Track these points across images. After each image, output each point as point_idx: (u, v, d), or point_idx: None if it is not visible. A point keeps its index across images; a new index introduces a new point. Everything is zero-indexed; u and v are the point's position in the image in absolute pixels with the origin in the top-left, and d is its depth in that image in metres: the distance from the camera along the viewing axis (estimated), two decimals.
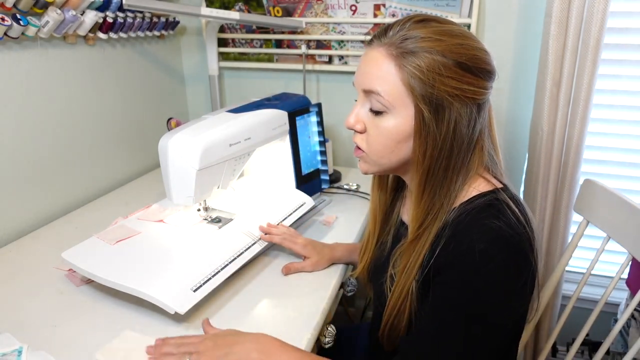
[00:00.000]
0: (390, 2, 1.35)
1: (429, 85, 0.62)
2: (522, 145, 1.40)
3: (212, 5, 1.49)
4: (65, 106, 1.19)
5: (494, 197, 0.65)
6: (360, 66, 0.69)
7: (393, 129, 0.66)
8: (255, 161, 1.22)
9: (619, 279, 0.96)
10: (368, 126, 0.70)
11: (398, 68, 0.63)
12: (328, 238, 1.08)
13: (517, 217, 0.63)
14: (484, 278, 0.60)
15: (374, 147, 0.70)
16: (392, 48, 0.64)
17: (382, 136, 0.68)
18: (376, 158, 0.70)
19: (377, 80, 0.65)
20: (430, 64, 0.62)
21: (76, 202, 1.25)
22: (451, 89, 0.62)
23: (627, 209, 0.93)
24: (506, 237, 0.61)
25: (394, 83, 0.64)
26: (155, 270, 0.83)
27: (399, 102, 0.64)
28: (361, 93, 0.69)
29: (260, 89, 1.62)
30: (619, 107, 1.36)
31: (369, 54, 0.67)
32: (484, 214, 0.63)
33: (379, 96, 0.65)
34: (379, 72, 0.65)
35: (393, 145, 0.68)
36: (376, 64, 0.65)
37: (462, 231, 0.63)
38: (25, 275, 0.93)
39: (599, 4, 1.13)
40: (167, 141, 0.88)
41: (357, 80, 0.70)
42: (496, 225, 0.61)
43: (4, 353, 0.69)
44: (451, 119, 0.63)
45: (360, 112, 0.71)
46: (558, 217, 1.35)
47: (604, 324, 1.38)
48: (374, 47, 0.67)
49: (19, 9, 1.00)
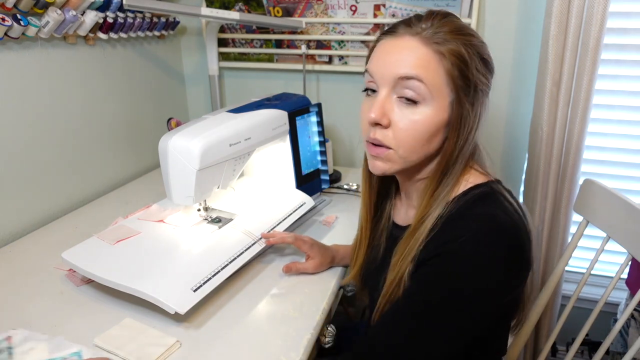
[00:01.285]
0: (390, 2, 1.35)
1: (467, 77, 0.64)
2: (522, 145, 1.40)
3: (212, 5, 1.49)
4: (65, 106, 1.19)
5: (489, 188, 0.66)
6: (387, 55, 0.65)
7: (428, 120, 0.64)
8: (255, 161, 1.22)
9: (618, 279, 0.96)
10: (396, 119, 0.65)
11: (439, 58, 0.63)
12: (328, 238, 1.08)
13: (513, 208, 0.64)
14: (473, 261, 0.59)
15: (405, 141, 0.65)
16: (428, 38, 0.63)
17: (415, 129, 0.64)
18: (407, 154, 0.66)
19: (418, 67, 0.62)
20: (468, 56, 0.64)
21: (76, 202, 1.25)
22: (479, 82, 0.65)
23: (627, 209, 0.93)
24: (501, 222, 0.61)
25: (436, 71, 0.63)
26: (155, 270, 0.83)
27: (437, 92, 0.63)
28: (389, 83, 0.64)
29: (260, 89, 1.62)
30: (618, 108, 1.36)
31: (400, 43, 0.64)
32: (479, 203, 0.64)
33: (420, 83, 0.62)
34: (417, 60, 0.63)
35: (426, 138, 0.65)
36: (414, 52, 0.63)
37: (456, 220, 0.63)
38: (25, 275, 0.93)
39: (598, 4, 1.13)
40: (167, 141, 0.88)
41: (385, 68, 0.65)
42: (492, 212, 0.62)
43: (63, 357, 0.68)
44: (481, 110, 0.66)
45: (385, 104, 0.65)
46: (558, 217, 1.35)
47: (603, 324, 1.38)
48: (404, 37, 0.65)
49: (19, 9, 1.00)
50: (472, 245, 0.60)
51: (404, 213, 0.80)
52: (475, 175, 0.70)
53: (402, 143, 0.65)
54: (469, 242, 0.60)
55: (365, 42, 1.44)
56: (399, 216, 0.82)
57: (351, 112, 1.54)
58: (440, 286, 0.61)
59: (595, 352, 1.00)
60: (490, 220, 0.61)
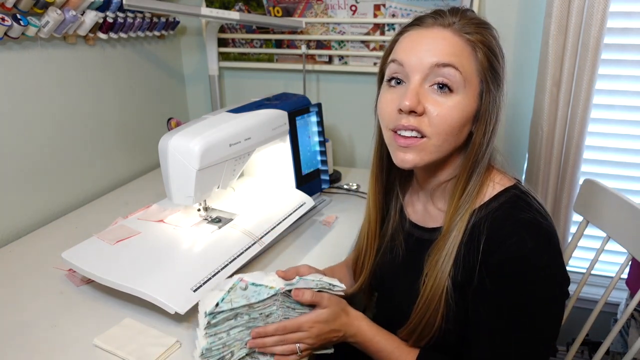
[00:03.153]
0: (390, 2, 1.35)
1: (495, 69, 0.66)
2: (522, 145, 1.40)
3: (212, 5, 1.49)
4: (65, 106, 1.19)
5: (518, 191, 0.68)
6: (418, 45, 0.66)
7: (461, 108, 0.64)
8: (255, 161, 1.22)
9: (618, 279, 0.96)
10: (430, 107, 0.64)
11: (472, 47, 0.65)
12: (328, 238, 1.08)
13: (542, 207, 0.66)
14: (539, 274, 0.62)
15: (441, 128, 0.64)
16: (459, 30, 0.65)
17: (451, 116, 0.64)
18: (440, 142, 0.65)
19: (453, 55, 0.64)
20: (496, 50, 0.66)
21: (76, 202, 1.25)
22: (502, 76, 0.67)
23: (627, 209, 0.93)
24: (545, 228, 0.63)
25: (469, 60, 0.65)
26: (155, 270, 0.83)
27: (470, 81, 0.65)
28: (423, 71, 0.64)
29: (260, 89, 1.62)
30: (618, 108, 1.35)
31: (431, 34, 0.65)
32: (516, 208, 0.65)
33: (456, 71, 0.63)
34: (452, 48, 0.64)
35: (459, 126, 0.65)
36: (448, 42, 0.64)
37: (501, 226, 0.64)
38: (25, 275, 0.93)
39: (599, 4, 1.13)
40: (167, 141, 0.88)
41: (419, 57, 0.64)
42: (531, 217, 0.63)
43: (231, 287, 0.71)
44: (504, 100, 0.68)
45: (420, 92, 0.64)
46: (558, 217, 1.35)
47: (603, 324, 1.38)
48: (434, 27, 0.66)
49: (19, 9, 1.00)
50: (534, 253, 0.61)
51: (424, 213, 0.79)
52: (498, 174, 0.71)
53: (438, 130, 0.65)
54: (529, 250, 0.61)
55: (365, 42, 1.44)
56: (415, 216, 0.80)
57: (351, 112, 1.54)
58: (524, 301, 0.63)
59: (595, 352, 1.00)
60: (536, 227, 0.63)
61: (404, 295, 0.76)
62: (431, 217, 0.77)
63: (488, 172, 0.70)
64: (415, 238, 0.78)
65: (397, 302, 0.79)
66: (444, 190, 0.74)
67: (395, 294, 0.81)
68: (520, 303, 0.63)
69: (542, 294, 0.63)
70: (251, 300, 0.70)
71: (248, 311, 0.70)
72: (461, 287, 0.66)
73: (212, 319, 0.68)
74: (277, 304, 0.72)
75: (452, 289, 0.66)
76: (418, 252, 0.74)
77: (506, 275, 0.63)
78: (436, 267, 0.68)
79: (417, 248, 0.76)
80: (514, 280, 0.62)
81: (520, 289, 0.62)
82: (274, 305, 0.72)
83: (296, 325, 0.70)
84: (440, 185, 0.74)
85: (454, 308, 0.67)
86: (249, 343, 0.70)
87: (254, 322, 0.71)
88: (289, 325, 0.70)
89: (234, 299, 0.69)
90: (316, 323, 0.70)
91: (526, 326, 0.63)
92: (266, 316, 0.71)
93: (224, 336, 0.69)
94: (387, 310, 0.85)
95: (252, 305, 0.70)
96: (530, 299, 0.62)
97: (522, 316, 0.63)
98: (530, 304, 0.63)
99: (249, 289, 0.71)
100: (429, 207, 0.78)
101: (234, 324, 0.70)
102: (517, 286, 0.63)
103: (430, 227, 0.77)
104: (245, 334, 0.70)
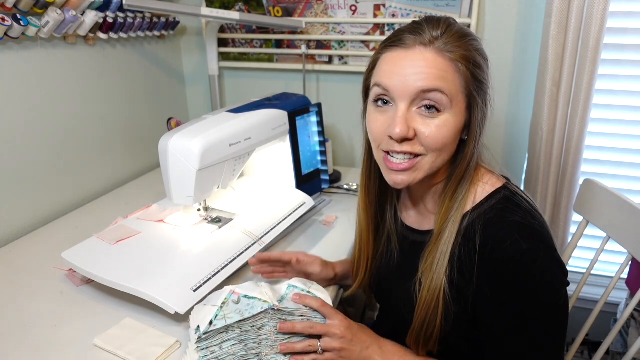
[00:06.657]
0: (390, 2, 1.35)
1: (478, 80, 0.66)
2: (522, 145, 1.40)
3: (212, 5, 1.49)
4: (65, 106, 1.19)
5: (508, 192, 0.69)
6: (402, 69, 0.65)
7: (451, 125, 0.65)
8: (255, 161, 1.22)
9: (618, 279, 0.96)
10: (421, 129, 0.65)
11: (455, 66, 0.64)
12: (328, 238, 1.08)
13: (532, 206, 0.67)
14: (538, 277, 0.63)
15: (433, 146, 0.66)
16: (442, 50, 0.64)
17: (442, 134, 0.65)
18: (434, 157, 0.67)
19: (438, 79, 0.63)
20: (477, 59, 0.66)
21: (76, 202, 1.25)
22: (486, 80, 0.68)
23: (627, 209, 0.93)
24: (536, 228, 0.64)
25: (455, 78, 0.65)
26: (155, 270, 0.83)
27: (457, 98, 0.65)
28: (409, 97, 0.64)
29: (260, 89, 1.62)
30: (618, 108, 1.35)
31: (413, 55, 0.64)
32: (507, 211, 0.66)
33: (442, 95, 0.64)
34: (437, 71, 0.64)
35: (451, 141, 0.67)
36: (431, 64, 0.64)
37: (494, 228, 0.65)
38: (25, 275, 0.93)
39: (598, 4, 1.13)
40: (167, 141, 0.88)
41: (404, 82, 0.64)
42: (521, 219, 0.64)
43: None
44: (490, 109, 0.69)
45: (408, 117, 0.65)
46: (558, 217, 1.35)
47: (603, 324, 1.38)
48: (414, 48, 0.65)
49: (19, 9, 1.00)
50: (530, 254, 0.62)
51: (417, 216, 0.80)
52: (487, 174, 0.72)
53: (431, 148, 0.66)
54: (524, 251, 0.62)
55: (365, 42, 1.44)
56: (410, 219, 0.81)
57: (351, 112, 1.54)
58: (529, 305, 0.64)
59: (595, 352, 1.00)
60: (528, 228, 0.64)
61: (401, 297, 0.76)
62: (425, 219, 0.78)
63: (477, 172, 0.71)
64: (410, 241, 0.79)
65: (395, 304, 0.80)
66: (435, 192, 0.75)
67: (392, 297, 0.81)
68: (525, 304, 0.63)
69: (543, 291, 0.63)
70: (245, 315, 0.70)
71: (240, 324, 0.70)
72: (458, 288, 0.67)
73: (203, 333, 0.68)
74: (268, 317, 0.71)
75: (449, 290, 0.67)
76: (413, 254, 0.75)
77: (506, 278, 0.63)
78: (431, 269, 0.68)
79: (412, 250, 0.76)
80: (515, 283, 0.63)
81: (522, 290, 0.63)
82: (265, 317, 0.71)
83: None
84: (432, 188, 0.75)
85: (453, 308, 0.67)
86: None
87: (246, 334, 0.70)
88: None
89: (227, 314, 0.69)
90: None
91: (535, 324, 0.64)
92: (258, 328, 0.71)
93: (216, 350, 0.69)
94: (390, 318, 0.86)
95: (246, 320, 0.70)
96: (533, 299, 0.63)
97: (530, 316, 0.64)
98: (533, 303, 0.63)
99: (242, 302, 0.70)
100: (422, 209, 0.78)
101: (226, 337, 0.69)
102: (518, 288, 0.63)
103: (424, 229, 0.77)
104: (239, 348, 0.69)
